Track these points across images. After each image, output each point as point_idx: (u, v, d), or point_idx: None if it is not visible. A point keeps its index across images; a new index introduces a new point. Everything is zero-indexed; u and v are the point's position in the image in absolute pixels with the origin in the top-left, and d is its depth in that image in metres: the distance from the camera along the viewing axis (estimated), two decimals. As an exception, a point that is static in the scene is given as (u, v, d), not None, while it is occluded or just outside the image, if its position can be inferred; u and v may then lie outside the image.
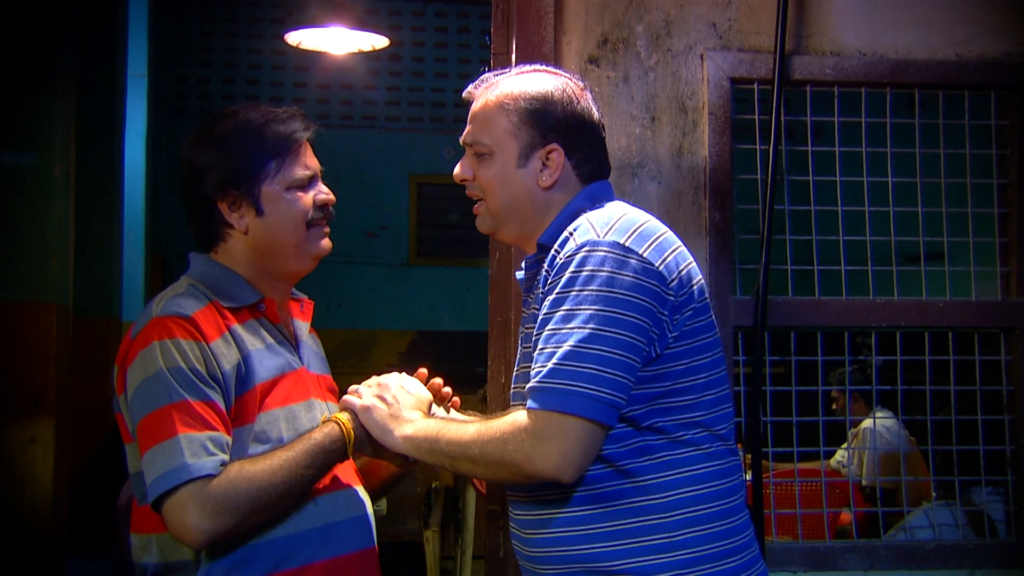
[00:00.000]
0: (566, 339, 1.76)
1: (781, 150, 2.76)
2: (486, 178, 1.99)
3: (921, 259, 2.89)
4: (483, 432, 1.83)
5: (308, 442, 1.90)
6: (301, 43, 5.75)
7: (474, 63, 9.00)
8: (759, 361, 2.70)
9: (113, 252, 5.87)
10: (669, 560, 1.81)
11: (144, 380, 1.83)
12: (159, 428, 1.79)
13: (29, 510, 4.11)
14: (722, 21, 2.78)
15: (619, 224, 1.85)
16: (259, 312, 1.99)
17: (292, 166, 1.98)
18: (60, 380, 4.21)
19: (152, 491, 1.78)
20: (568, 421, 1.74)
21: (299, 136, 1.99)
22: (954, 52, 2.84)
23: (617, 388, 1.76)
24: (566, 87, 1.99)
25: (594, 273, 1.78)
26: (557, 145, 1.96)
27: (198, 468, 1.77)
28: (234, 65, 8.99)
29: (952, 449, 2.92)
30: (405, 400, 2.00)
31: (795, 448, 2.83)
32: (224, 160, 1.96)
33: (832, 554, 2.76)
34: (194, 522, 1.75)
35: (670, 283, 1.83)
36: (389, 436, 1.95)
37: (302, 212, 1.99)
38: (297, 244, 2.00)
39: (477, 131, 2.00)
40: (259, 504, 1.81)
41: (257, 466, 1.82)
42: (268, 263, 2.01)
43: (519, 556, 2.01)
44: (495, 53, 2.77)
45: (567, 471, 1.76)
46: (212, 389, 1.84)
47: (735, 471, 1.92)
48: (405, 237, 9.11)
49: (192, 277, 1.99)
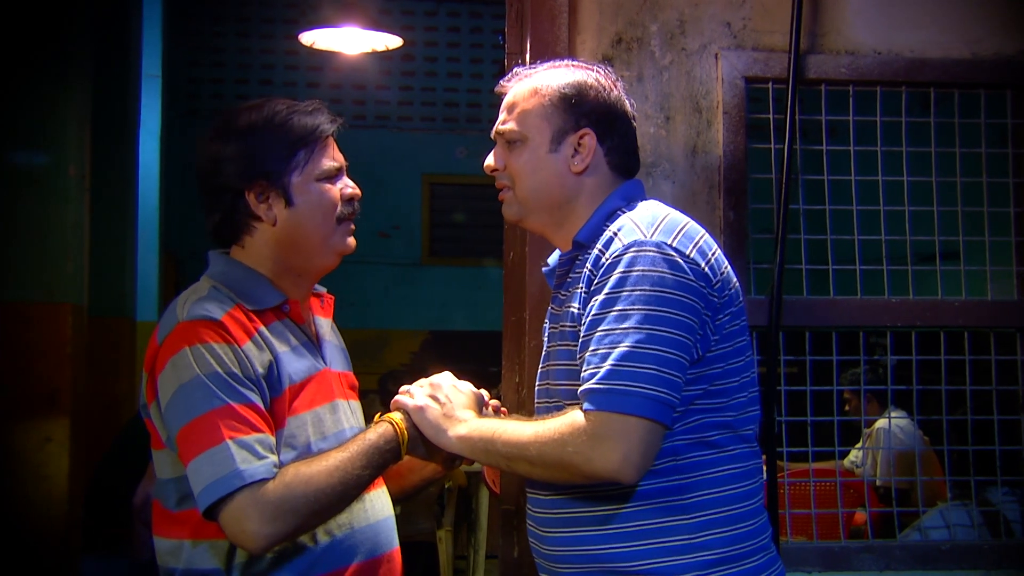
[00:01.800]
0: (621, 340, 1.76)
1: (796, 149, 2.75)
2: (516, 165, 1.99)
3: (936, 258, 2.88)
4: (540, 433, 1.82)
5: (363, 443, 1.88)
6: (315, 43, 5.76)
7: (487, 63, 9.00)
8: (774, 361, 2.69)
9: (127, 252, 5.89)
10: (690, 561, 1.81)
11: (180, 387, 1.79)
12: (204, 435, 1.76)
13: (44, 509, 4.13)
14: (736, 20, 2.78)
15: (664, 224, 1.85)
16: (283, 313, 1.96)
17: (320, 158, 1.97)
18: (75, 380, 4.22)
19: (203, 499, 1.75)
20: (628, 421, 1.73)
21: (325, 128, 1.98)
22: (969, 51, 2.83)
23: (674, 388, 1.76)
24: (599, 77, 2.01)
25: (645, 273, 1.78)
26: (590, 130, 1.96)
27: (251, 473, 1.74)
28: (247, 65, 9.02)
29: (968, 449, 2.91)
30: (458, 399, 1.99)
31: (810, 448, 2.83)
32: (251, 151, 1.93)
33: (847, 554, 2.75)
34: (254, 528, 1.73)
35: (715, 284, 1.84)
36: (443, 436, 1.94)
37: (332, 204, 1.97)
38: (325, 237, 1.98)
39: (510, 118, 2.00)
40: (317, 506, 1.78)
41: (313, 468, 1.80)
42: (292, 257, 1.97)
43: (536, 554, 2.00)
44: (509, 53, 2.77)
45: (628, 472, 1.75)
46: (251, 391, 1.81)
47: (756, 473, 1.92)
48: (418, 237, 9.13)
49: (213, 278, 1.95)
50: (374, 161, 8.78)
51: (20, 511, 4.11)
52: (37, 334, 4.18)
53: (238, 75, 8.99)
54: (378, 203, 8.66)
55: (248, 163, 1.93)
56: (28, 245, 4.22)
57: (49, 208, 4.24)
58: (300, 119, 1.96)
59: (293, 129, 1.95)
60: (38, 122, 4.26)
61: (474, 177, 8.93)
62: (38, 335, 4.18)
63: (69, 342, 4.20)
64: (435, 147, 9.07)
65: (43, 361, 4.17)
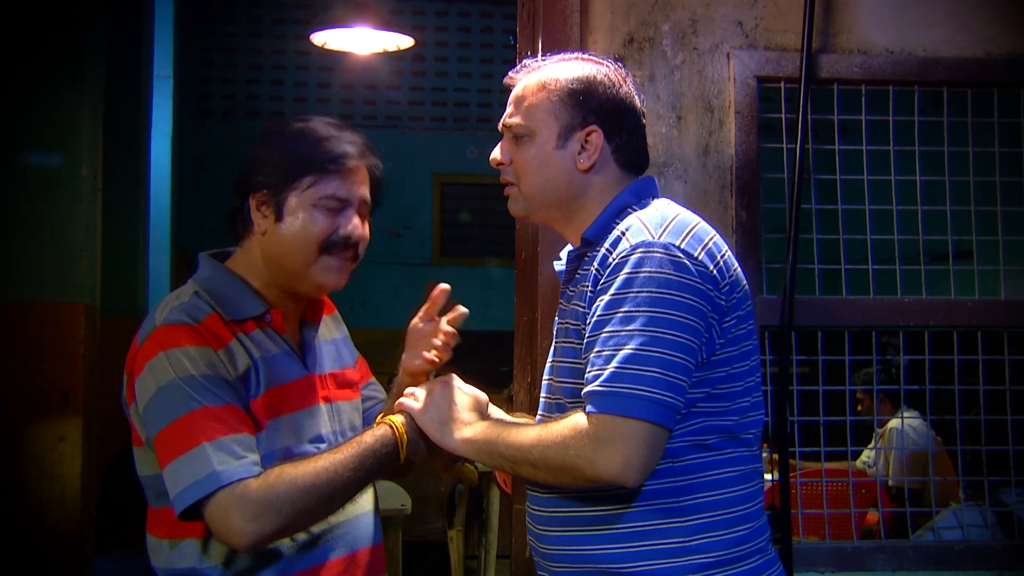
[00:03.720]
0: (626, 342, 1.74)
1: (808, 149, 2.74)
2: (522, 160, 1.97)
3: (950, 258, 2.87)
4: (543, 436, 1.81)
5: (357, 445, 1.88)
6: (327, 43, 5.77)
7: (497, 63, 9.01)
8: (786, 361, 2.69)
9: (139, 252, 5.91)
10: (685, 564, 1.81)
11: (157, 391, 1.80)
12: (181, 438, 1.77)
13: (57, 509, 4.14)
14: (749, 20, 2.77)
15: (673, 225, 1.83)
16: (264, 323, 1.95)
17: (330, 184, 1.93)
18: (88, 379, 4.23)
19: (180, 501, 1.76)
20: (631, 425, 1.72)
21: (347, 159, 1.95)
22: (983, 50, 2.82)
23: (678, 392, 1.75)
24: (608, 72, 1.98)
25: (652, 275, 1.76)
26: (597, 127, 1.94)
27: (229, 474, 1.75)
28: (259, 66, 9.03)
29: (981, 449, 2.90)
30: (462, 401, 1.98)
31: (822, 448, 2.82)
32: (267, 159, 1.94)
33: (860, 554, 2.75)
34: (238, 524, 1.73)
35: (722, 287, 1.82)
36: (448, 438, 1.93)
37: (317, 232, 1.92)
38: (304, 264, 1.94)
39: (517, 112, 1.98)
40: (301, 505, 1.78)
41: (298, 469, 1.80)
42: (276, 274, 1.97)
43: (534, 552, 2.01)
44: (521, 52, 2.77)
45: (630, 475, 1.73)
46: (228, 392, 1.82)
47: (754, 477, 1.91)
48: (428, 237, 9.13)
49: (198, 283, 1.95)
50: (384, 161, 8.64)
51: (33, 511, 4.12)
52: (50, 334, 4.19)
53: (250, 75, 9.00)
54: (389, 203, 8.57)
55: (260, 170, 1.94)
56: (41, 245, 4.23)
57: (62, 208, 4.25)
58: (327, 144, 1.95)
59: (315, 150, 1.94)
60: (52, 123, 4.27)
61: (485, 177, 8.93)
62: (51, 335, 4.19)
63: (82, 342, 4.21)
64: (446, 147, 9.07)
65: (56, 361, 4.18)
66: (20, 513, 4.11)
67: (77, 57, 4.30)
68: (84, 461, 4.18)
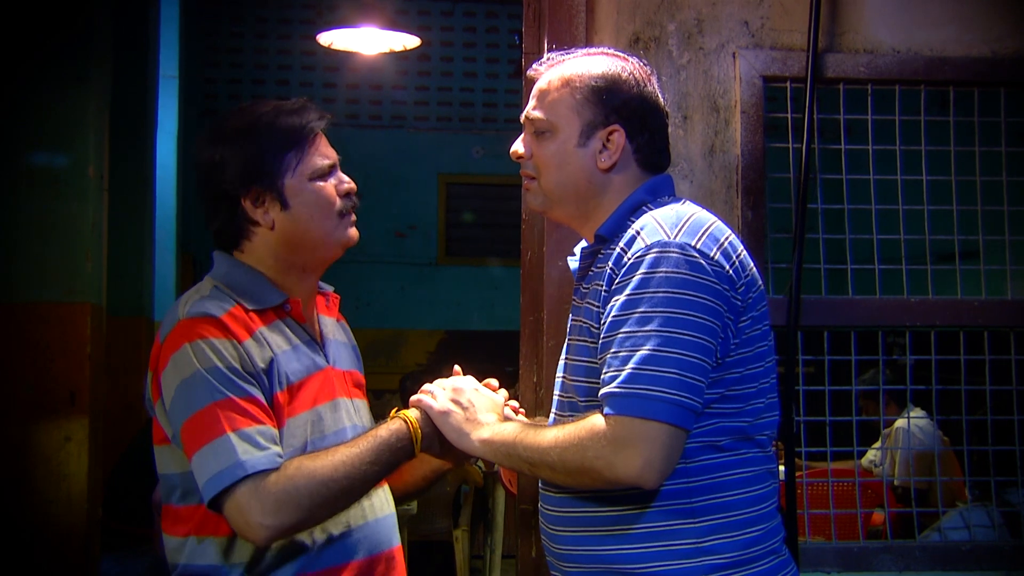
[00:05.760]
0: (643, 343, 1.73)
1: (814, 148, 2.74)
2: (543, 156, 1.96)
3: (956, 258, 2.86)
4: (561, 438, 1.80)
5: (373, 439, 1.88)
6: (332, 43, 5.77)
7: (503, 63, 9.01)
8: (792, 360, 2.68)
9: (145, 252, 5.91)
10: (697, 565, 1.80)
11: (182, 383, 1.81)
12: (205, 429, 1.78)
13: (63, 509, 4.14)
14: (754, 19, 2.77)
15: (688, 225, 1.82)
16: (284, 312, 1.97)
17: (311, 156, 1.96)
18: (94, 379, 4.24)
19: (207, 491, 1.77)
20: (649, 426, 1.71)
21: (314, 126, 1.97)
22: (989, 49, 2.82)
23: (696, 392, 1.74)
24: (634, 70, 1.97)
25: (668, 275, 1.75)
26: (619, 126, 1.92)
27: (253, 464, 1.75)
28: (264, 66, 9.04)
29: (988, 449, 2.89)
30: (480, 403, 1.98)
31: (828, 448, 2.82)
32: (243, 156, 1.93)
33: (866, 554, 2.74)
34: (257, 519, 1.74)
35: (738, 287, 1.81)
36: (465, 439, 1.93)
37: (329, 201, 1.96)
38: (327, 233, 1.97)
39: (540, 106, 1.97)
40: (320, 499, 1.78)
41: (317, 462, 1.81)
42: (295, 255, 1.98)
43: (547, 552, 2.00)
44: (526, 52, 2.77)
45: (650, 477, 1.73)
46: (252, 385, 1.83)
47: (767, 477, 1.90)
48: (434, 237, 9.13)
49: (216, 278, 1.97)
50: (390, 161, 8.79)
51: (40, 511, 4.13)
52: (56, 334, 4.20)
53: (255, 75, 9.01)
54: (394, 203, 8.67)
55: (240, 169, 1.93)
56: (47, 245, 4.23)
57: (68, 209, 4.25)
58: (287, 119, 1.96)
59: (281, 131, 1.95)
60: (57, 123, 4.27)
61: (490, 177, 8.95)
62: (57, 335, 4.20)
63: (88, 342, 4.21)
64: (451, 147, 9.08)
65: (62, 361, 4.18)
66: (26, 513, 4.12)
67: (83, 56, 4.31)
68: (90, 461, 4.18)
